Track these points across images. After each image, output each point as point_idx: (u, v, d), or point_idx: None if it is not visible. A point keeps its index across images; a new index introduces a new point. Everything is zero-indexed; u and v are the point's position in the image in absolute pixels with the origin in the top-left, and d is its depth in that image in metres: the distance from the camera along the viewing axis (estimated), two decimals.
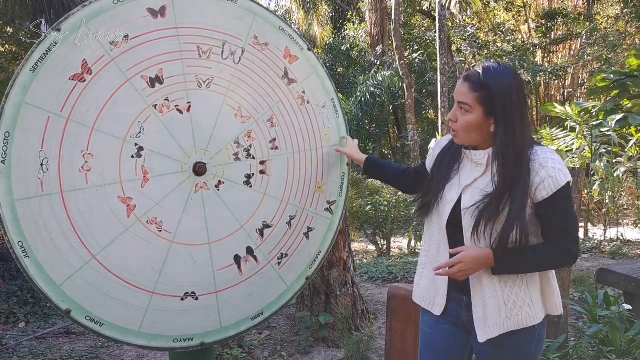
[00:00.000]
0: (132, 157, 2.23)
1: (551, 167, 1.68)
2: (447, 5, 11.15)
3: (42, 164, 2.07)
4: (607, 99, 9.66)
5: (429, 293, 1.95)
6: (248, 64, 2.49)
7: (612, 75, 9.46)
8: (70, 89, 2.10)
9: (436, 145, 2.03)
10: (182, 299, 2.37)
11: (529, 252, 1.70)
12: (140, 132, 2.24)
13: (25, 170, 2.04)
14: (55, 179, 2.09)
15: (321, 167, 2.69)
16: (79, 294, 2.16)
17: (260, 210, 2.54)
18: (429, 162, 2.04)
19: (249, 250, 2.51)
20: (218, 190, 2.43)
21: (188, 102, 2.34)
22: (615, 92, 9.44)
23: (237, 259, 2.49)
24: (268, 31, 2.55)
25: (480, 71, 1.73)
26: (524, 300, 1.76)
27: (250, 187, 2.51)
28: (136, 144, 2.24)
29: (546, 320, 1.86)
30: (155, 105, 2.28)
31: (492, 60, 1.81)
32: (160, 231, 2.30)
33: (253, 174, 2.52)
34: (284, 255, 2.62)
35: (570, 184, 1.70)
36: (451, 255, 1.77)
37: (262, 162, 2.54)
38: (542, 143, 1.80)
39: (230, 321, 2.50)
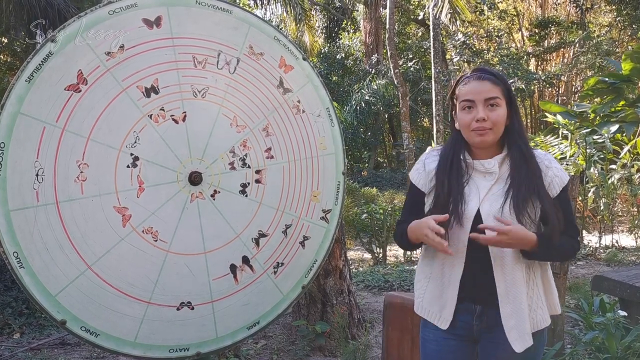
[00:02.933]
0: (128, 166, 2.24)
1: (555, 167, 1.79)
2: (437, 15, 11.19)
3: (37, 174, 2.07)
4: (602, 102, 9.70)
5: (435, 307, 1.88)
6: (243, 73, 2.50)
7: (607, 79, 9.50)
8: (66, 99, 2.11)
9: (423, 164, 1.91)
10: (177, 309, 2.37)
11: (557, 241, 1.75)
12: (135, 142, 2.24)
13: (21, 181, 2.04)
14: (51, 189, 2.10)
15: (317, 176, 2.70)
16: (74, 304, 2.15)
17: (256, 219, 2.54)
18: (422, 183, 1.90)
19: (245, 260, 2.51)
20: (214, 199, 2.43)
21: (183, 112, 2.35)
22: (610, 97, 9.47)
23: (233, 268, 2.49)
24: (263, 41, 2.57)
25: (488, 69, 1.80)
26: (537, 303, 1.80)
27: (246, 196, 2.51)
28: (132, 154, 2.24)
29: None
30: (151, 115, 2.28)
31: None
32: (156, 241, 2.30)
33: (249, 183, 2.52)
34: (280, 264, 2.62)
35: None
36: (479, 232, 1.69)
37: (257, 171, 2.54)
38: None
39: (227, 330, 2.50)
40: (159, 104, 2.31)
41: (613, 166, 7.88)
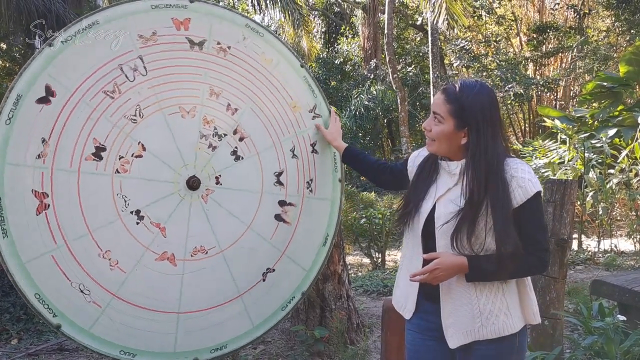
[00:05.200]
0: (137, 223, 2.25)
1: (520, 177, 1.71)
2: (434, 22, 11.22)
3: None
4: (600, 107, 9.71)
5: (402, 296, 1.96)
6: (155, 65, 2.33)
7: (605, 83, 9.51)
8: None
9: (418, 154, 2.04)
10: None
11: (499, 260, 1.70)
12: (126, 203, 2.24)
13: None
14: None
15: (285, 90, 2.65)
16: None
17: (265, 167, 2.57)
18: (410, 169, 2.06)
19: (278, 217, 2.60)
20: (219, 185, 2.44)
21: (139, 142, 2.28)
22: (608, 101, 9.49)
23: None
24: (146, 25, 2.30)
25: (458, 86, 1.79)
26: (500, 309, 1.77)
27: (242, 159, 2.49)
28: (131, 212, 2.25)
29: (527, 330, 1.85)
30: (117, 170, 2.23)
31: (473, 77, 1.85)
32: None
33: (236, 147, 2.49)
34: (311, 181, 2.68)
35: (541, 194, 1.73)
36: (424, 261, 1.78)
37: (234, 132, 2.50)
38: (515, 156, 1.83)
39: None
40: (114, 156, 2.23)
41: (611, 171, 7.88)
